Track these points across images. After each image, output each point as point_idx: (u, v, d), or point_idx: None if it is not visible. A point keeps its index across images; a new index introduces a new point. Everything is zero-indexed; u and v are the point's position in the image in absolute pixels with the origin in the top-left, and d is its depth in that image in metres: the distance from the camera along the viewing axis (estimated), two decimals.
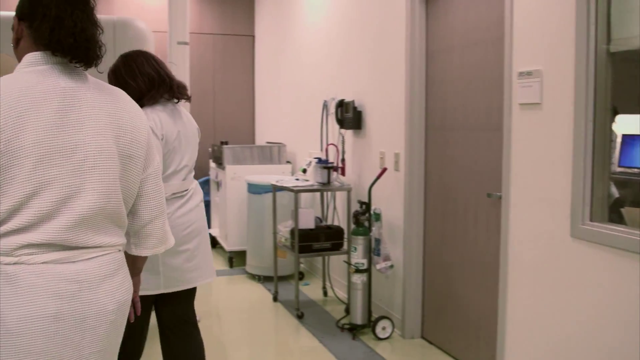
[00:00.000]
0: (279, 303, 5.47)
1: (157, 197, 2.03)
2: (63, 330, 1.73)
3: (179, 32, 4.73)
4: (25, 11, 1.85)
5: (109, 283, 1.83)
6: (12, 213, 1.70)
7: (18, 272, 1.69)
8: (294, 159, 6.90)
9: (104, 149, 1.82)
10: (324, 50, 6.02)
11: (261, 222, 6.07)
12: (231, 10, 8.64)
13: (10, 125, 1.67)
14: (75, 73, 1.86)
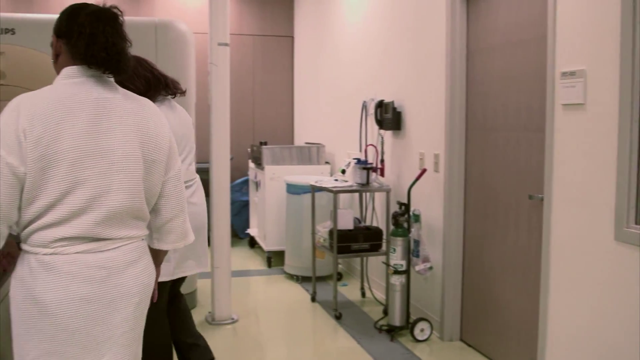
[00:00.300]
0: (316, 303, 5.47)
1: (178, 197, 2.24)
2: (94, 311, 1.97)
3: (220, 33, 4.75)
4: (63, 29, 2.09)
5: (133, 268, 2.07)
6: (48, 209, 1.93)
7: (54, 261, 1.94)
8: (332, 160, 6.90)
9: (130, 154, 2.05)
10: (363, 51, 6.00)
11: (300, 223, 6.08)
12: (270, 11, 8.67)
13: (50, 132, 1.91)
14: (107, 85, 2.09)
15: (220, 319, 4.95)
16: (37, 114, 1.91)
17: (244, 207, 7.96)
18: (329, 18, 7.07)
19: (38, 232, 1.94)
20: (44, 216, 1.93)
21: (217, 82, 4.78)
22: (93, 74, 2.07)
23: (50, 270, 1.93)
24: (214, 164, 4.86)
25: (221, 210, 4.89)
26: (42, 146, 1.89)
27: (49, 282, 1.92)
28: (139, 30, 4.90)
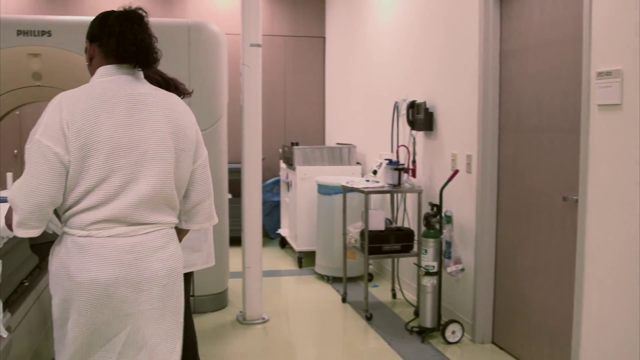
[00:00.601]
0: (347, 304, 5.46)
1: (205, 183, 2.45)
2: (121, 290, 2.17)
3: (252, 34, 4.77)
4: (95, 33, 2.32)
5: (161, 253, 2.26)
6: (86, 194, 2.14)
7: (88, 243, 2.15)
8: (364, 160, 6.89)
9: (162, 143, 2.24)
10: (395, 51, 5.99)
11: (331, 223, 6.08)
12: (302, 12, 8.69)
13: (89, 124, 2.12)
14: (139, 81, 2.32)
15: (251, 318, 4.97)
16: (77, 109, 2.13)
17: (275, 207, 7.99)
18: (360, 18, 7.06)
19: (77, 215, 2.16)
20: (82, 201, 2.15)
21: (249, 83, 4.80)
22: (125, 71, 2.29)
23: (84, 251, 2.15)
24: (245, 165, 4.89)
25: (253, 211, 4.91)
26: (83, 137, 2.11)
27: (82, 262, 2.14)
28: (172, 31, 4.96)
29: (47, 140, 2.10)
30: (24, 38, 4.77)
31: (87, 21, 2.45)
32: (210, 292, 5.20)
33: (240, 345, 4.59)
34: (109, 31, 2.27)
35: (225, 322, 5.03)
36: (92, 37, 2.33)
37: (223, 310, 5.29)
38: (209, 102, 5.02)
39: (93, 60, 2.34)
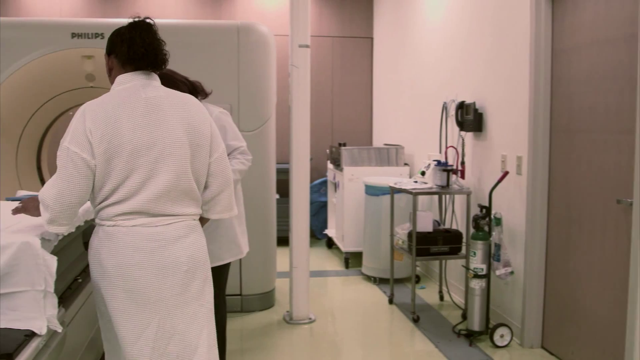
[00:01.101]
0: (394, 305, 5.44)
1: (224, 175, 2.65)
2: (145, 275, 2.40)
3: (301, 35, 4.79)
4: (111, 45, 2.59)
5: (182, 242, 2.48)
6: (112, 192, 2.40)
7: (115, 232, 2.42)
8: (411, 162, 6.85)
9: (177, 141, 2.47)
10: (443, 51, 5.94)
11: (378, 224, 6.07)
12: (350, 13, 8.69)
13: (109, 130, 2.37)
14: (153, 86, 2.55)
15: (297, 318, 4.99)
16: (98, 117, 2.38)
17: (322, 207, 8.00)
18: (409, 18, 7.02)
19: (105, 209, 2.43)
20: (110, 197, 2.41)
21: (298, 84, 4.82)
22: (140, 77, 2.54)
23: (112, 239, 2.41)
24: (293, 165, 4.91)
25: (300, 211, 4.93)
26: (105, 142, 2.36)
27: (111, 249, 2.41)
28: (221, 33, 5.02)
29: (74, 147, 2.36)
30: (78, 40, 4.89)
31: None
32: (257, 291, 5.24)
33: (287, 344, 4.61)
34: (120, 39, 2.55)
35: (272, 321, 5.06)
36: (110, 50, 2.61)
37: (270, 309, 5.32)
38: (257, 103, 5.06)
39: (112, 71, 2.62)
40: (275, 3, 8.43)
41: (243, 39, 5.00)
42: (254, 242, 5.10)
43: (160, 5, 8.31)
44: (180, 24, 5.25)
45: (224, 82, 4.98)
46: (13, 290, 2.36)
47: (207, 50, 4.98)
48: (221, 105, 4.91)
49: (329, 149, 7.75)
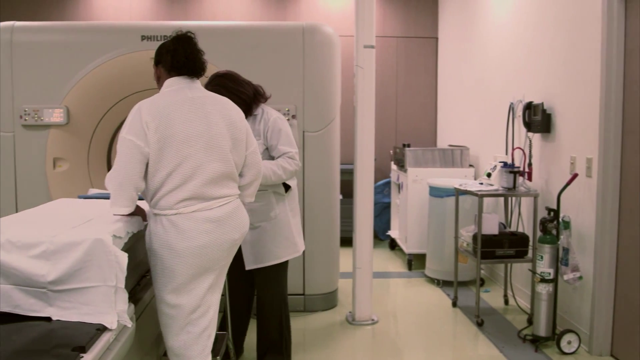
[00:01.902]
0: (457, 309, 5.38)
1: (256, 167, 3.12)
2: (209, 252, 2.84)
3: (366, 35, 4.78)
4: (158, 57, 3.02)
5: (233, 220, 2.93)
6: (167, 177, 2.77)
7: (178, 220, 2.79)
8: (477, 163, 6.76)
9: (219, 134, 2.89)
10: (510, 50, 5.83)
11: (442, 226, 6.01)
12: (414, 13, 8.63)
13: (162, 122, 2.76)
14: (196, 88, 2.97)
15: (360, 319, 4.99)
16: (152, 111, 2.77)
17: (385, 208, 7.98)
18: (475, 18, 6.93)
19: (163, 198, 2.79)
20: (165, 184, 2.77)
21: (363, 85, 4.82)
22: (184, 81, 2.95)
23: (177, 226, 2.78)
24: (358, 166, 4.91)
25: (364, 212, 4.93)
26: (159, 132, 2.75)
27: (178, 235, 2.78)
28: (286, 34, 5.06)
29: (131, 136, 2.73)
30: (147, 43, 5.01)
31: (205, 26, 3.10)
32: (320, 291, 5.26)
33: (349, 345, 4.62)
34: (166, 51, 2.97)
35: (335, 321, 5.07)
36: (158, 61, 3.02)
37: (333, 310, 5.34)
38: (322, 104, 5.08)
39: (160, 79, 3.03)
40: (339, 4, 8.45)
41: (308, 39, 5.03)
42: (317, 243, 5.15)
43: (227, 7, 8.44)
44: (246, 25, 5.32)
45: (289, 83, 5.02)
46: (86, 285, 2.44)
47: (272, 51, 5.02)
48: (286, 106, 4.98)
49: (392, 149, 7.71)
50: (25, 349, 2.21)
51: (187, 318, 2.87)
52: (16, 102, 5.08)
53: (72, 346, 2.19)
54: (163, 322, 2.92)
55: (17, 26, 5.13)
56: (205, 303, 2.91)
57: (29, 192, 5.13)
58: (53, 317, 2.45)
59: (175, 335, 2.89)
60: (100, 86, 5.04)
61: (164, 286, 2.84)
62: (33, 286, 2.45)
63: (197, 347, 2.91)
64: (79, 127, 5.14)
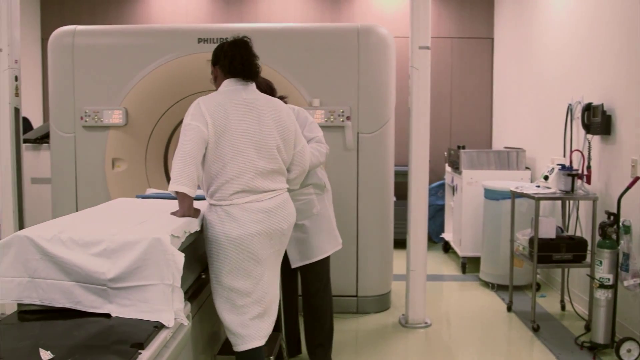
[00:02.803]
0: (512, 313, 5.30)
1: (302, 165, 3.33)
2: (260, 239, 3.05)
3: (421, 36, 4.75)
4: (216, 58, 3.22)
5: (282, 211, 3.14)
6: (222, 169, 3.00)
7: (232, 211, 3.02)
8: (533, 165, 6.64)
9: (270, 133, 3.11)
10: (569, 50, 5.71)
11: (497, 229, 5.92)
12: (469, 13, 8.54)
13: (220, 117, 3.00)
14: (250, 90, 3.17)
15: (413, 322, 4.96)
16: (211, 106, 3.01)
17: (439, 211, 7.91)
18: (532, 17, 6.81)
19: (219, 190, 3.02)
20: (220, 175, 3.00)
21: (418, 86, 4.79)
22: (240, 83, 3.15)
23: (232, 215, 3.01)
24: (412, 168, 4.87)
25: (419, 214, 4.89)
26: (217, 125, 2.98)
27: (233, 224, 3.00)
28: (341, 36, 5.07)
29: (194, 121, 2.96)
30: (204, 45, 5.08)
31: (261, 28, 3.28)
32: (374, 293, 5.25)
33: (402, 348, 4.59)
34: (224, 55, 3.16)
35: (387, 324, 5.05)
36: (215, 61, 3.23)
37: (385, 312, 5.32)
38: (377, 106, 5.07)
39: (217, 79, 3.24)
40: (393, 4, 8.41)
41: (363, 41, 5.02)
42: (371, 244, 5.14)
43: (281, 9, 8.49)
44: (302, 27, 5.34)
45: (343, 85, 5.02)
46: (144, 283, 2.49)
47: (327, 53, 5.04)
48: (341, 107, 4.99)
49: (447, 151, 7.65)
50: (86, 344, 2.27)
51: (242, 300, 3.06)
52: (77, 104, 5.22)
53: (131, 343, 2.24)
54: (219, 305, 3.10)
55: (79, 30, 5.26)
56: (259, 290, 3.10)
57: (88, 191, 5.26)
58: (112, 314, 2.52)
59: (231, 314, 3.08)
60: (158, 88, 5.14)
61: (220, 270, 3.05)
62: (93, 283, 2.52)
63: (254, 328, 3.09)
64: (137, 128, 5.24)
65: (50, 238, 2.56)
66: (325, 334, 4.00)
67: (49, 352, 2.12)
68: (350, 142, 5.03)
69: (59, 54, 5.24)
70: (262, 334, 3.13)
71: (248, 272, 3.05)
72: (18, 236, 2.59)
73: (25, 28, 6.21)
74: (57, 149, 5.32)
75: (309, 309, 4.00)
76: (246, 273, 3.04)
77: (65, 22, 6.05)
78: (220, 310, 3.10)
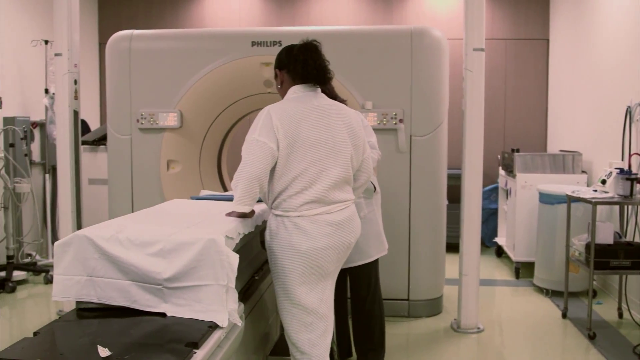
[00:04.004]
0: (567, 320, 5.18)
1: (368, 172, 3.20)
2: (328, 253, 2.92)
3: (475, 38, 4.69)
4: (284, 62, 3.06)
5: (349, 225, 3.00)
6: (293, 181, 2.86)
7: (301, 222, 2.87)
8: (590, 169, 6.50)
9: (343, 140, 2.98)
10: (628, 51, 5.57)
11: (552, 234, 5.81)
12: (524, 14, 8.40)
13: (292, 128, 2.86)
14: (320, 96, 3.04)
15: (465, 327, 4.90)
16: (283, 117, 2.86)
17: (492, 215, 7.80)
18: (589, 17, 6.66)
19: (287, 200, 2.87)
20: (290, 187, 2.86)
21: (472, 88, 4.73)
22: (309, 89, 3.02)
23: (300, 228, 2.86)
24: (466, 171, 4.82)
25: (472, 217, 4.84)
26: (289, 137, 2.84)
27: (301, 236, 2.86)
28: (394, 38, 5.05)
29: (263, 138, 2.81)
30: (257, 48, 5.12)
31: (313, 31, 3.09)
32: (425, 297, 5.21)
33: (453, 353, 4.54)
34: (294, 60, 2.99)
35: (439, 328, 5.01)
36: (281, 65, 3.07)
37: (437, 316, 5.27)
38: (430, 108, 5.04)
39: (283, 84, 3.08)
40: (446, 5, 8.35)
41: (416, 43, 4.99)
42: (423, 248, 5.11)
43: (333, 11, 8.51)
44: (355, 30, 5.34)
45: (396, 87, 5.00)
46: (199, 283, 2.53)
47: (380, 55, 5.02)
48: (393, 110, 4.97)
49: (500, 154, 7.54)
50: (142, 342, 2.31)
51: (310, 317, 2.94)
52: (133, 106, 5.33)
53: (186, 342, 2.27)
54: (287, 321, 2.98)
55: (135, 34, 5.37)
56: (325, 304, 3.00)
57: (144, 192, 5.36)
58: (167, 313, 2.55)
59: (299, 332, 2.95)
60: (212, 91, 5.20)
61: (286, 285, 2.92)
62: (150, 283, 2.56)
63: (321, 346, 2.98)
64: (191, 131, 5.32)
65: (109, 238, 2.61)
66: (376, 338, 3.97)
67: (106, 349, 2.17)
68: (403, 145, 5.00)
69: (117, 58, 5.36)
70: (327, 352, 3.03)
71: (314, 287, 2.94)
72: (77, 236, 2.65)
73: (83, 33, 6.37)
74: (114, 150, 5.44)
75: (358, 314, 3.98)
76: (312, 288, 2.93)
77: (121, 26, 6.18)
78: (288, 328, 2.98)
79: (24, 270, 6.27)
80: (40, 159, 7.10)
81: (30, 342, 2.31)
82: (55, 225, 6.86)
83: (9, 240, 6.25)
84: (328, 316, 3.03)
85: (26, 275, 6.32)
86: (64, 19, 5.04)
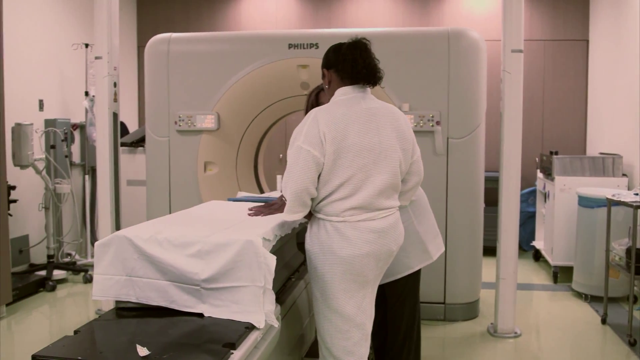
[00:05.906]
0: (607, 326, 5.10)
1: (419, 174, 3.08)
2: (368, 261, 2.82)
3: (513, 39, 4.64)
4: (332, 61, 2.95)
5: (392, 232, 2.90)
6: (339, 187, 2.77)
7: (343, 228, 2.79)
8: (631, 172, 6.38)
9: (391, 145, 2.86)
10: None
11: (592, 238, 5.72)
12: (563, 15, 8.29)
13: (339, 133, 2.76)
14: (369, 98, 2.92)
15: (502, 331, 4.85)
16: (330, 122, 2.76)
17: (529, 218, 7.71)
18: (630, 17, 6.55)
19: (330, 204, 2.80)
20: (335, 193, 2.78)
21: (510, 90, 4.68)
22: (358, 90, 2.90)
23: (342, 233, 2.78)
24: (504, 174, 4.77)
25: (510, 221, 4.78)
26: (336, 143, 2.74)
27: (343, 242, 2.78)
28: (431, 40, 5.03)
29: (307, 146, 2.73)
30: (294, 51, 5.14)
31: (350, 33, 3.04)
32: (462, 301, 5.17)
33: (490, 357, 4.50)
34: (343, 59, 2.89)
35: (475, 332, 4.96)
36: (329, 65, 2.96)
37: (474, 320, 5.22)
38: (467, 110, 5.00)
39: (331, 84, 2.97)
40: (483, 6, 8.28)
41: (454, 45, 4.96)
42: (459, 251, 5.07)
43: (370, 13, 8.50)
44: (392, 32, 5.33)
45: (433, 89, 4.98)
46: (236, 284, 2.54)
47: (416, 57, 5.00)
48: (430, 112, 4.94)
49: (539, 157, 7.45)
50: (180, 342, 2.33)
51: (347, 324, 2.85)
52: (171, 108, 5.39)
53: (223, 342, 2.28)
54: (323, 326, 2.91)
55: (174, 37, 5.43)
56: (364, 312, 2.89)
57: (181, 193, 5.41)
58: (205, 314, 2.57)
59: (335, 338, 2.87)
60: (249, 93, 5.23)
61: (325, 290, 2.84)
62: (188, 283, 2.59)
63: (356, 354, 2.88)
64: (228, 133, 5.36)
65: (148, 238, 2.64)
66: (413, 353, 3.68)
67: (145, 348, 2.19)
68: (440, 147, 4.97)
69: (155, 61, 5.42)
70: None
71: (353, 295, 2.84)
72: (117, 236, 2.69)
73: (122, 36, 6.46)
74: (152, 152, 5.51)
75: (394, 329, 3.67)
76: (352, 295, 2.84)
77: (159, 29, 6.26)
78: (323, 332, 2.92)
79: (63, 270, 6.38)
80: (80, 160, 7.24)
81: (71, 341, 2.34)
82: (95, 225, 6.97)
83: (50, 239, 6.38)
84: (366, 325, 2.92)
85: (66, 274, 6.43)
86: (104, 23, 5.11)
